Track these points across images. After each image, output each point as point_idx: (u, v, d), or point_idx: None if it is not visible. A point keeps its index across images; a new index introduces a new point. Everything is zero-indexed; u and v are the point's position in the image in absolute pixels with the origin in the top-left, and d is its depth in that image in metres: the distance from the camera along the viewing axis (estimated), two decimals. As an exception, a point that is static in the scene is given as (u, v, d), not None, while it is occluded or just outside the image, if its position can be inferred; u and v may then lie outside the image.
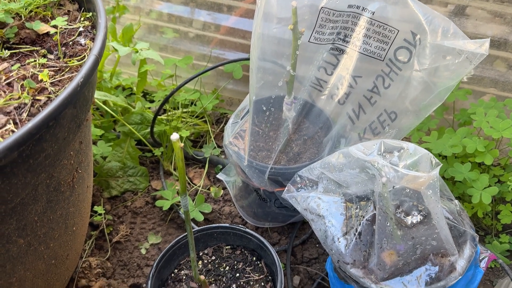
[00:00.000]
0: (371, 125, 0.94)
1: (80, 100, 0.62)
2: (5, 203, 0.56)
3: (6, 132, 0.53)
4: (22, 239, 0.65)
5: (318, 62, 0.92)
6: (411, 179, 0.64)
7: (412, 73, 0.81)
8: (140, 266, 1.02)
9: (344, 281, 0.83)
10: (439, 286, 0.73)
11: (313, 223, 0.82)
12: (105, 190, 1.12)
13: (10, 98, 0.56)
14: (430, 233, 0.70)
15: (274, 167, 0.92)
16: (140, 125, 1.17)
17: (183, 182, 0.66)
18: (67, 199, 0.72)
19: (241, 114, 1.01)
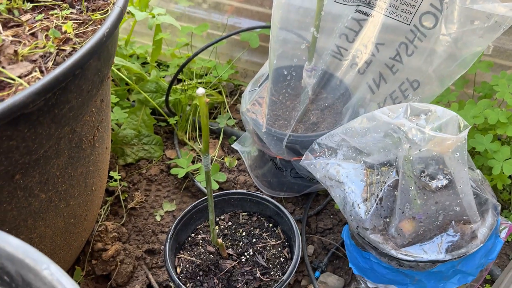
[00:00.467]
0: (392, 95, 0.92)
1: (104, 53, 0.61)
2: (30, 153, 0.56)
3: (33, 79, 0.52)
4: (44, 194, 0.65)
5: (339, 30, 0.91)
6: (438, 142, 0.63)
7: (439, 38, 0.80)
8: (155, 233, 1.03)
9: (362, 248, 0.82)
10: (459, 253, 0.73)
11: (332, 189, 0.81)
12: (120, 157, 1.11)
13: (35, 47, 0.55)
14: (454, 198, 0.69)
15: (292, 135, 0.91)
16: (155, 94, 1.16)
17: (206, 140, 0.65)
18: (88, 157, 0.71)
19: (259, 82, 1.00)
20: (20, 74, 0.52)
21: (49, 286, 0.42)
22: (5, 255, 0.44)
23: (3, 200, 0.58)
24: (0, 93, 0.51)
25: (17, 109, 0.48)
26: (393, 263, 0.77)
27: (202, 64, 1.16)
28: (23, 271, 0.44)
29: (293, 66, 0.94)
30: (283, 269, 0.83)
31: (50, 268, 0.41)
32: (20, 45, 0.56)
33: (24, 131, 0.52)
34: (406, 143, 0.66)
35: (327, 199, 1.08)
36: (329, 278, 0.96)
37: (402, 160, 0.68)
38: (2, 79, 0.52)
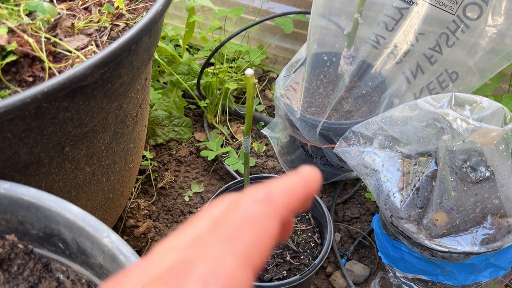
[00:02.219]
0: (429, 86, 0.92)
1: (155, 30, 0.62)
2: (81, 126, 0.57)
3: (89, 53, 0.53)
4: (89, 167, 0.66)
5: (379, 19, 0.90)
6: (483, 133, 0.63)
7: (484, 30, 0.78)
8: (183, 213, 1.04)
9: (393, 237, 0.83)
10: (494, 246, 0.73)
11: (366, 177, 0.81)
12: (151, 138, 1.13)
13: (90, 21, 0.56)
14: (494, 191, 0.69)
15: (326, 122, 0.91)
16: (187, 76, 1.17)
17: (249, 122, 0.65)
18: (130, 134, 0.72)
19: (294, 67, 1.00)
20: (77, 47, 0.53)
21: (108, 254, 0.43)
22: (64, 221, 0.45)
23: (51, 171, 0.60)
24: (57, 65, 0.52)
25: (76, 80, 0.48)
26: (425, 253, 0.78)
27: (236, 48, 1.16)
28: (81, 239, 0.45)
29: (334, 52, 0.93)
30: (313, 254, 0.84)
31: (111, 237, 0.42)
32: (75, 19, 0.57)
33: (79, 103, 0.53)
34: (450, 133, 0.65)
35: (355, 188, 1.09)
36: (355, 266, 0.96)
37: (444, 150, 0.68)
38: (59, 51, 0.53)
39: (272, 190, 0.24)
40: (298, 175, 0.25)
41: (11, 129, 0.49)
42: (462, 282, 0.78)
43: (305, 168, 0.26)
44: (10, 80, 0.51)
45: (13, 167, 0.54)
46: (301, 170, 0.25)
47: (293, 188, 0.24)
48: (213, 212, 0.24)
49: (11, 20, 0.52)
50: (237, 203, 0.23)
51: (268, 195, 0.23)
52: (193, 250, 0.22)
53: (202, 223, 0.24)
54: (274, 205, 0.23)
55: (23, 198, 0.46)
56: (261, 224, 0.22)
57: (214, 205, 0.25)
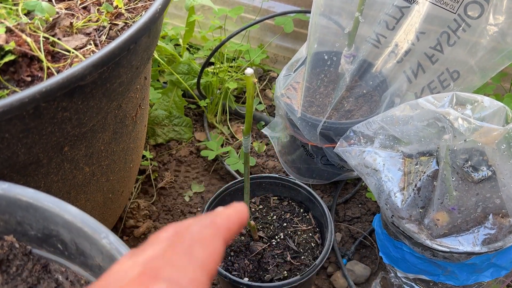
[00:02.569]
0: (430, 85, 0.91)
1: (154, 30, 0.62)
2: (80, 126, 0.56)
3: (87, 52, 0.52)
4: (88, 167, 0.66)
5: (380, 17, 0.90)
6: (485, 132, 0.62)
7: (485, 29, 0.78)
8: (184, 213, 1.04)
9: (394, 237, 0.82)
10: (496, 246, 0.72)
11: (367, 177, 0.81)
12: (151, 137, 1.12)
13: (89, 20, 0.55)
14: (496, 191, 0.68)
15: (327, 121, 0.91)
16: (187, 75, 1.17)
17: (249, 121, 0.65)
18: (129, 134, 0.72)
19: (294, 66, 0.99)
20: (75, 46, 0.53)
21: (107, 255, 0.43)
22: (63, 222, 0.45)
23: (51, 171, 0.60)
24: (56, 65, 0.52)
25: (75, 80, 0.48)
26: (427, 253, 0.77)
27: (236, 48, 1.16)
28: (79, 240, 0.45)
29: (334, 52, 0.93)
30: (314, 254, 0.83)
31: (109, 238, 0.42)
32: (74, 18, 0.56)
33: (78, 103, 0.52)
34: (451, 132, 0.65)
35: (356, 188, 1.08)
36: (356, 266, 0.96)
37: (445, 150, 0.67)
38: (57, 51, 0.53)
39: (215, 216, 0.29)
40: (232, 206, 0.31)
41: (10, 129, 0.48)
42: (464, 282, 0.78)
43: (236, 204, 0.32)
44: (9, 80, 0.51)
45: (12, 168, 0.53)
46: (233, 205, 0.32)
47: (231, 215, 0.30)
48: (163, 236, 0.28)
49: (10, 20, 0.51)
50: (186, 228, 0.28)
51: (212, 221, 0.29)
52: (157, 261, 0.25)
53: (155, 246, 0.27)
54: (219, 229, 0.28)
55: (21, 199, 0.45)
56: (210, 244, 0.27)
57: (163, 231, 0.29)
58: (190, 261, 0.25)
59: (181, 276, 0.24)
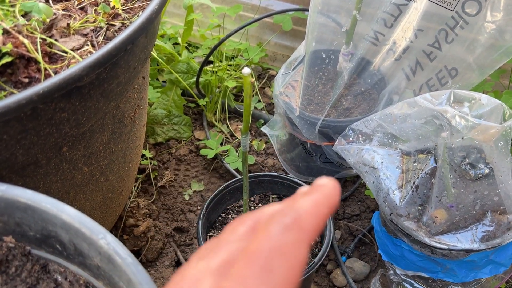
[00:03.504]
0: (428, 82, 0.91)
1: (151, 30, 0.62)
2: (78, 126, 0.57)
3: (85, 53, 0.52)
4: (87, 168, 0.66)
5: (378, 15, 0.90)
6: (482, 130, 0.63)
7: (483, 26, 0.78)
8: (184, 211, 1.04)
9: (393, 235, 0.83)
10: (494, 243, 0.73)
11: (366, 175, 0.81)
12: (151, 137, 1.13)
13: (86, 21, 0.55)
14: (494, 188, 0.69)
15: (326, 120, 0.91)
16: (186, 74, 1.17)
17: (247, 120, 0.65)
18: (128, 134, 0.72)
19: (292, 65, 0.99)
20: (73, 47, 0.53)
21: (104, 256, 0.43)
22: (61, 223, 0.45)
23: (49, 172, 0.60)
24: (53, 66, 0.52)
25: (72, 81, 0.48)
26: (425, 250, 0.77)
27: (235, 46, 1.16)
28: (77, 240, 0.45)
29: (332, 50, 0.93)
30: (313, 252, 0.84)
31: (107, 238, 0.42)
32: (71, 19, 0.56)
33: (75, 104, 0.53)
34: (449, 130, 0.65)
35: (355, 185, 1.08)
36: (355, 264, 0.96)
37: (443, 147, 0.68)
38: (55, 52, 0.53)
39: (299, 213, 0.23)
40: (320, 191, 0.25)
41: (7, 131, 0.49)
42: (462, 279, 0.78)
43: (325, 181, 0.25)
44: (6, 82, 0.51)
45: (10, 169, 0.54)
46: (322, 185, 0.25)
47: (319, 209, 0.24)
48: (239, 231, 0.25)
49: (6, 21, 0.52)
50: (265, 228, 0.23)
51: (296, 220, 0.23)
52: (228, 280, 0.22)
53: (230, 246, 0.24)
54: (304, 232, 0.23)
55: (20, 200, 0.46)
56: (293, 254, 0.22)
57: (240, 224, 0.25)
58: (266, 283, 0.21)
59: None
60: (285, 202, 0.25)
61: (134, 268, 0.40)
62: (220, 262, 0.23)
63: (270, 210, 0.26)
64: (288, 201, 0.25)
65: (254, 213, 0.25)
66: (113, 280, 0.44)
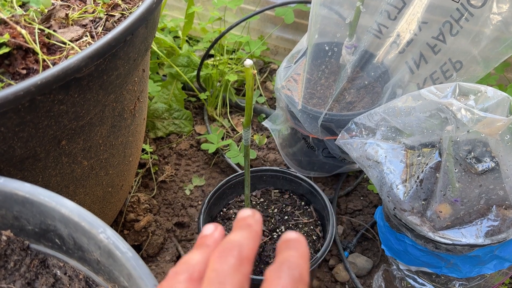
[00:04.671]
0: (432, 75, 0.90)
1: (151, 21, 0.61)
2: (77, 119, 0.56)
3: (83, 44, 0.51)
4: (86, 161, 0.65)
5: (382, 7, 0.88)
6: (488, 123, 0.61)
7: (488, 18, 0.77)
8: (184, 206, 1.03)
9: (396, 230, 0.82)
10: (499, 238, 0.72)
11: (369, 169, 0.80)
12: (151, 131, 1.12)
13: (85, 12, 0.54)
14: (499, 182, 0.68)
15: (328, 113, 0.90)
16: (187, 68, 1.16)
17: (249, 114, 0.64)
18: (128, 127, 0.71)
19: (295, 58, 0.98)
20: (71, 38, 0.52)
21: (104, 250, 0.42)
22: (59, 217, 0.44)
23: (48, 165, 0.59)
24: (52, 57, 0.51)
25: (71, 72, 0.47)
26: (429, 245, 0.76)
27: (236, 39, 1.15)
28: (76, 234, 0.45)
29: (335, 42, 0.92)
30: (315, 247, 0.83)
31: (106, 232, 0.41)
32: (70, 10, 0.55)
33: (74, 96, 0.52)
34: (454, 123, 0.64)
35: (358, 180, 1.07)
36: (358, 259, 0.95)
37: (448, 141, 0.66)
38: (53, 43, 0.52)
39: (302, 269, 0.29)
40: (300, 246, 0.31)
41: (5, 123, 0.48)
42: (467, 274, 0.77)
43: (294, 235, 0.31)
44: (3, 73, 0.50)
45: (9, 162, 0.53)
46: (296, 239, 0.31)
47: (307, 263, 0.30)
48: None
49: (4, 12, 0.51)
50: (276, 277, 0.28)
51: (301, 275, 0.28)
52: None
53: None
54: (306, 285, 0.28)
55: (18, 193, 0.45)
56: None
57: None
58: None
59: None
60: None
61: (134, 262, 0.39)
62: None
63: (195, 258, 0.30)
64: (279, 254, 0.30)
65: (182, 267, 0.29)
66: (113, 274, 0.43)
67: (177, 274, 0.29)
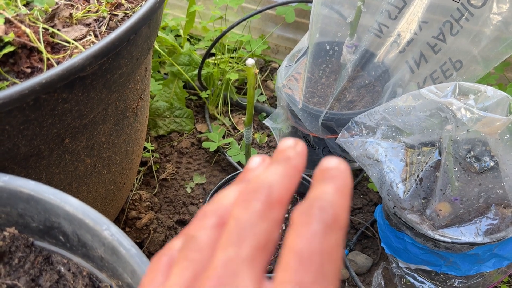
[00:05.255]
0: (433, 75, 0.91)
1: (154, 20, 0.61)
2: (81, 117, 0.56)
3: (87, 43, 0.52)
4: (89, 159, 0.65)
5: (382, 7, 0.89)
6: (488, 122, 0.62)
7: (489, 17, 0.77)
8: (186, 204, 1.04)
9: (396, 228, 0.82)
10: (498, 236, 0.72)
11: (369, 168, 0.81)
12: (152, 129, 1.12)
13: (88, 11, 0.55)
14: (499, 181, 0.68)
15: (329, 112, 0.90)
16: (188, 67, 1.16)
17: (250, 112, 0.65)
18: (130, 126, 0.72)
19: (296, 57, 0.98)
20: (75, 37, 0.52)
21: (108, 247, 0.43)
22: (64, 214, 0.45)
23: (52, 163, 0.59)
24: (56, 56, 0.51)
25: (75, 71, 0.48)
26: (429, 244, 0.77)
27: (237, 38, 1.15)
28: (81, 231, 0.45)
29: (336, 42, 0.92)
30: (316, 245, 0.83)
31: (111, 229, 0.42)
32: (73, 9, 0.56)
33: (78, 94, 0.52)
34: (454, 123, 0.64)
35: (358, 178, 1.08)
36: (358, 257, 0.96)
37: (448, 140, 0.67)
38: (57, 42, 0.52)
39: (335, 210, 0.21)
40: (339, 178, 0.23)
41: (10, 121, 0.48)
42: (466, 272, 0.78)
43: (335, 163, 0.23)
44: (8, 72, 0.50)
45: (13, 160, 0.53)
46: (336, 168, 0.23)
47: (346, 201, 0.22)
48: (203, 236, 0.22)
49: (8, 11, 0.51)
50: (302, 223, 0.21)
51: (335, 218, 0.21)
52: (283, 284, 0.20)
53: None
54: (342, 231, 0.22)
55: (22, 190, 0.45)
56: (338, 258, 0.21)
57: (201, 227, 0.23)
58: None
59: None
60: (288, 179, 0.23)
61: (138, 259, 0.39)
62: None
63: (230, 197, 0.24)
64: (312, 189, 0.23)
65: (212, 207, 0.23)
66: (117, 271, 0.44)
67: (205, 216, 0.23)
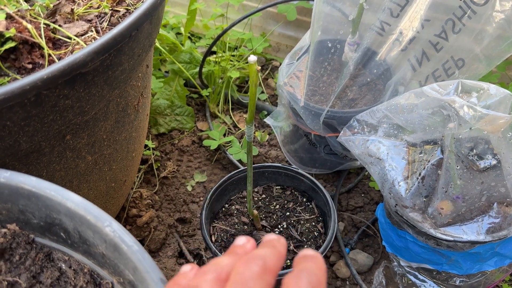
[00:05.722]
0: (435, 73, 0.90)
1: (155, 17, 0.61)
2: (82, 114, 0.56)
3: (89, 39, 0.52)
4: (90, 156, 0.65)
5: (384, 5, 0.88)
6: (490, 120, 0.62)
7: (491, 15, 0.77)
8: (186, 202, 1.04)
9: (398, 227, 0.82)
10: (500, 235, 0.72)
11: (371, 166, 0.80)
12: (153, 127, 1.12)
13: (90, 7, 0.54)
14: (501, 179, 0.68)
15: (330, 110, 0.90)
16: (189, 65, 1.16)
17: (252, 110, 0.64)
18: (131, 123, 0.72)
19: (297, 55, 0.98)
20: (77, 33, 0.52)
21: (110, 243, 0.42)
22: (65, 211, 0.45)
23: (53, 160, 0.59)
24: (57, 52, 0.51)
25: (76, 67, 0.47)
26: (430, 242, 0.77)
27: (238, 36, 1.15)
28: (82, 228, 0.45)
29: (338, 39, 0.92)
30: (317, 243, 0.83)
31: (112, 225, 0.42)
32: (75, 5, 0.56)
33: (79, 90, 0.52)
34: (456, 120, 0.64)
35: (359, 177, 1.08)
36: (359, 256, 0.96)
37: (450, 138, 0.67)
38: (59, 38, 0.52)
39: (320, 276, 0.30)
40: (317, 260, 0.32)
41: (11, 117, 0.48)
42: (467, 271, 0.78)
43: (311, 252, 0.33)
44: (9, 67, 0.50)
45: (14, 156, 0.53)
46: (313, 256, 0.32)
47: (324, 275, 0.31)
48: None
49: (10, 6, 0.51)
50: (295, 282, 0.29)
51: (319, 281, 0.29)
52: None
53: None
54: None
55: (24, 187, 0.45)
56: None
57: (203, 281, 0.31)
58: None
59: None
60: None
61: (140, 255, 0.39)
62: None
63: (225, 261, 0.31)
64: (296, 266, 0.31)
65: (212, 267, 0.31)
66: (118, 268, 0.43)
67: (205, 273, 0.30)
